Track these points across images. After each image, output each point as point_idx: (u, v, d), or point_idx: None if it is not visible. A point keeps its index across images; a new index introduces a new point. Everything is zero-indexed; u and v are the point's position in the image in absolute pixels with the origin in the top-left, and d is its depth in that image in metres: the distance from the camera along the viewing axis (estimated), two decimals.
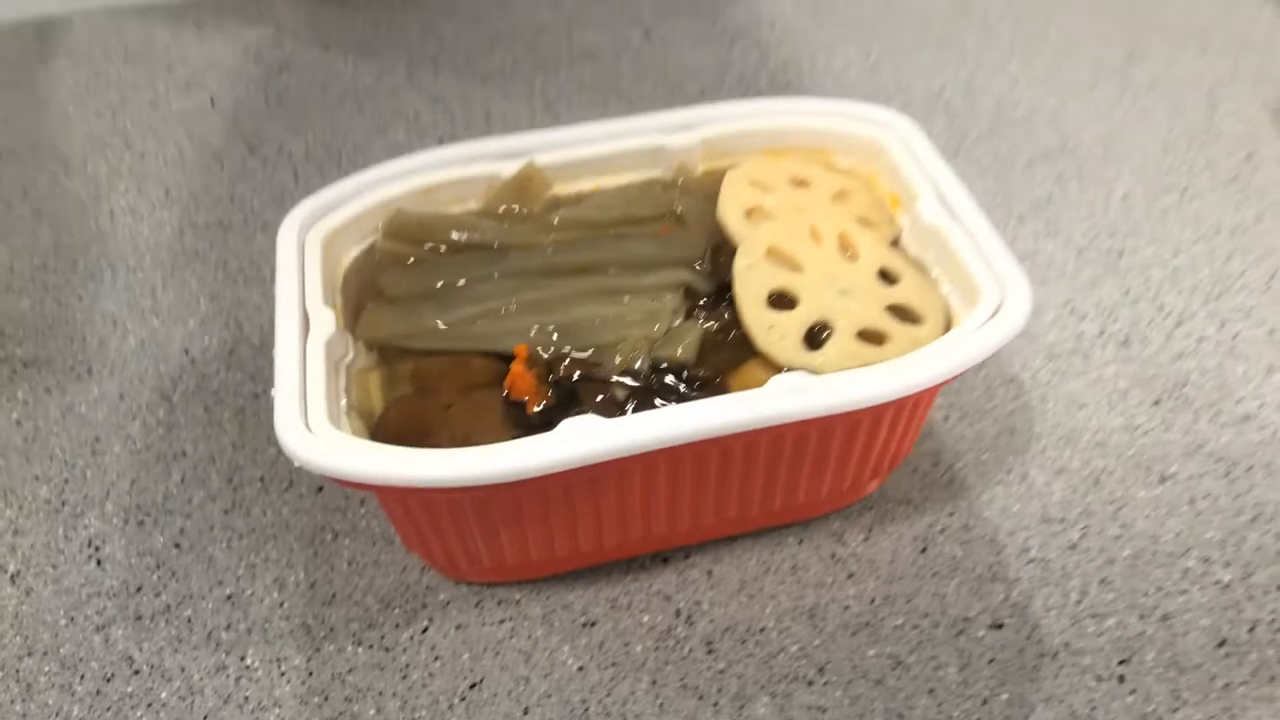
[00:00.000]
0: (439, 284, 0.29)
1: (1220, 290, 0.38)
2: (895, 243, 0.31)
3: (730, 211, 0.30)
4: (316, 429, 0.24)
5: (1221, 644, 0.28)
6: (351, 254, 0.30)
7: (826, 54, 0.52)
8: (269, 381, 0.35)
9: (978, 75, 0.50)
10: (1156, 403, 0.35)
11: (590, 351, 0.27)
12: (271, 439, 0.33)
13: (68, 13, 0.57)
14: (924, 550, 0.31)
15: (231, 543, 0.31)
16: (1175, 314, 0.38)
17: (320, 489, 0.33)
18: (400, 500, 0.26)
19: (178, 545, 0.31)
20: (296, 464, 0.23)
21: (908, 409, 0.28)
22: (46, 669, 0.28)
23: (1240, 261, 0.40)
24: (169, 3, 0.58)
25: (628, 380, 0.27)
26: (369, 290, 0.29)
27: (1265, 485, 0.32)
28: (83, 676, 0.28)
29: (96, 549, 0.31)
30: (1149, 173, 0.44)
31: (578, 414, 0.24)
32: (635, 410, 0.26)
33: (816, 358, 0.26)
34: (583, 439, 0.23)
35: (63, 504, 0.32)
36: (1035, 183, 0.43)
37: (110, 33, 0.55)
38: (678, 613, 0.29)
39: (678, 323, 0.28)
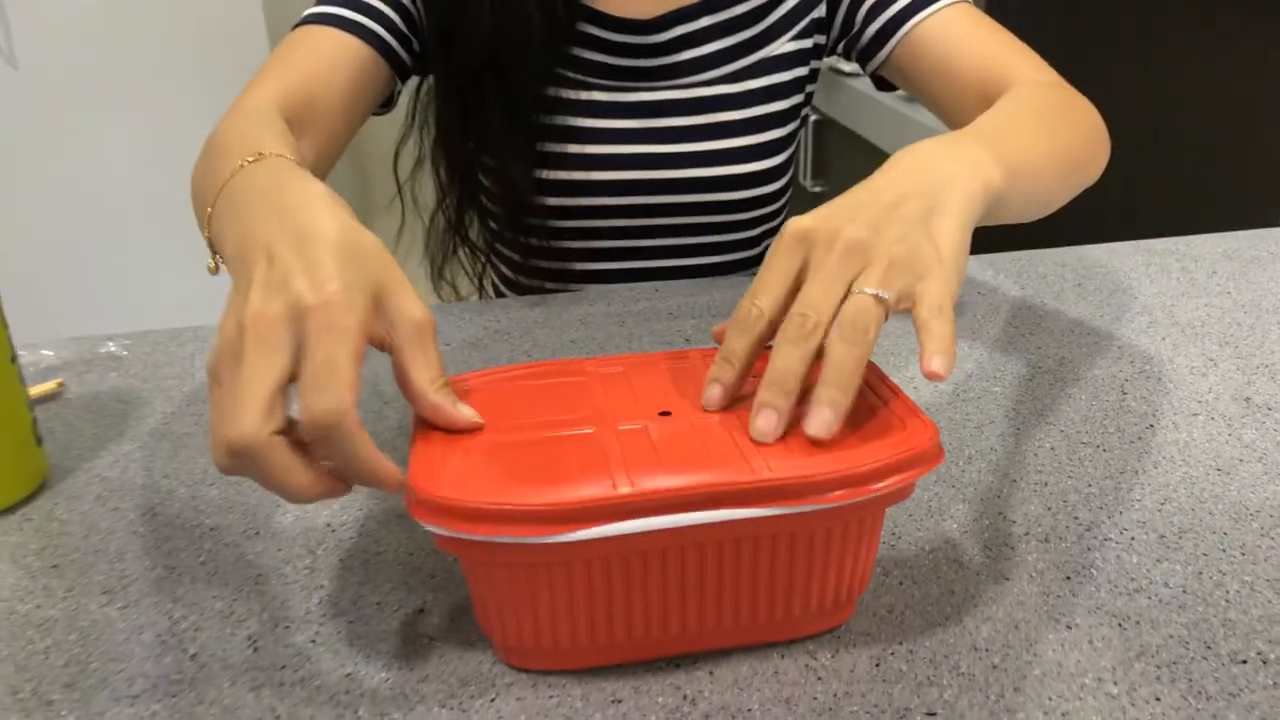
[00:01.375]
0: None
1: (1123, 508, 0.49)
2: None
3: None
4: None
5: None
6: None
7: None
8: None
9: None
10: (1067, 579, 0.44)
11: None
12: (394, 575, 0.45)
13: None
14: (877, 665, 0.40)
15: (352, 640, 0.42)
16: (1086, 522, 0.48)
17: (421, 610, 0.43)
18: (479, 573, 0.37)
19: (313, 641, 0.42)
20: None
21: (854, 528, 0.39)
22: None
23: (1140, 491, 0.50)
24: None
25: None
26: None
27: (1150, 634, 0.41)
28: (234, 683, 0.38)
29: (253, 640, 0.42)
30: (1071, 430, 0.56)
31: None
32: None
33: None
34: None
35: (231, 612, 0.43)
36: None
37: None
38: (684, 696, 0.38)
39: None
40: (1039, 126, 0.56)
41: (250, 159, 0.47)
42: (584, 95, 0.75)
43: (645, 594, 0.38)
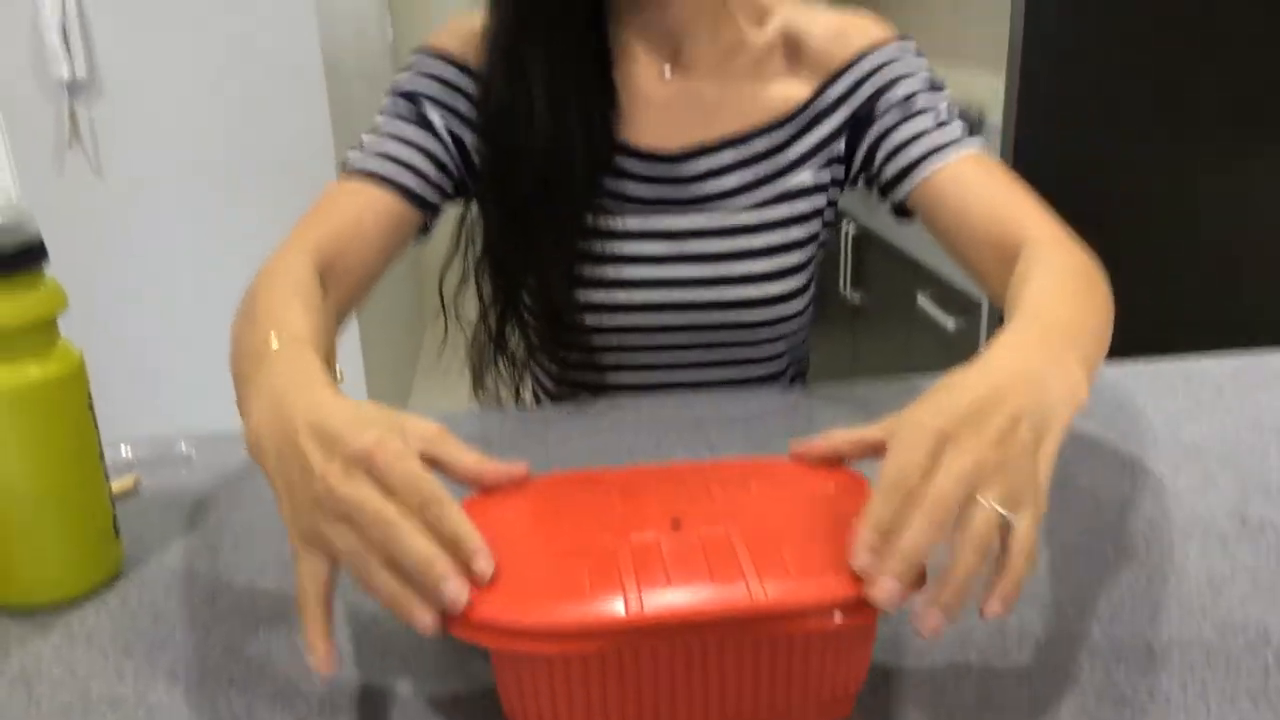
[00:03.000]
0: None
1: (1115, 620, 0.52)
2: None
3: None
4: None
5: None
6: None
7: None
8: None
9: None
10: (1057, 684, 0.47)
11: None
12: (434, 659, 0.49)
13: None
14: None
15: None
16: (1077, 632, 0.51)
17: (457, 697, 0.47)
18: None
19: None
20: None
21: (847, 639, 0.42)
22: None
23: (1132, 603, 0.53)
24: None
25: None
26: None
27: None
28: None
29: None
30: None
31: None
32: None
33: None
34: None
35: (283, 694, 0.48)
36: None
37: None
38: None
39: None
40: (1093, 315, 0.59)
41: (275, 345, 0.54)
42: (618, 222, 0.81)
43: (655, 690, 0.42)
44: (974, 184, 0.76)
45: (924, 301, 2.14)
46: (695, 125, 0.82)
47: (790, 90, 0.83)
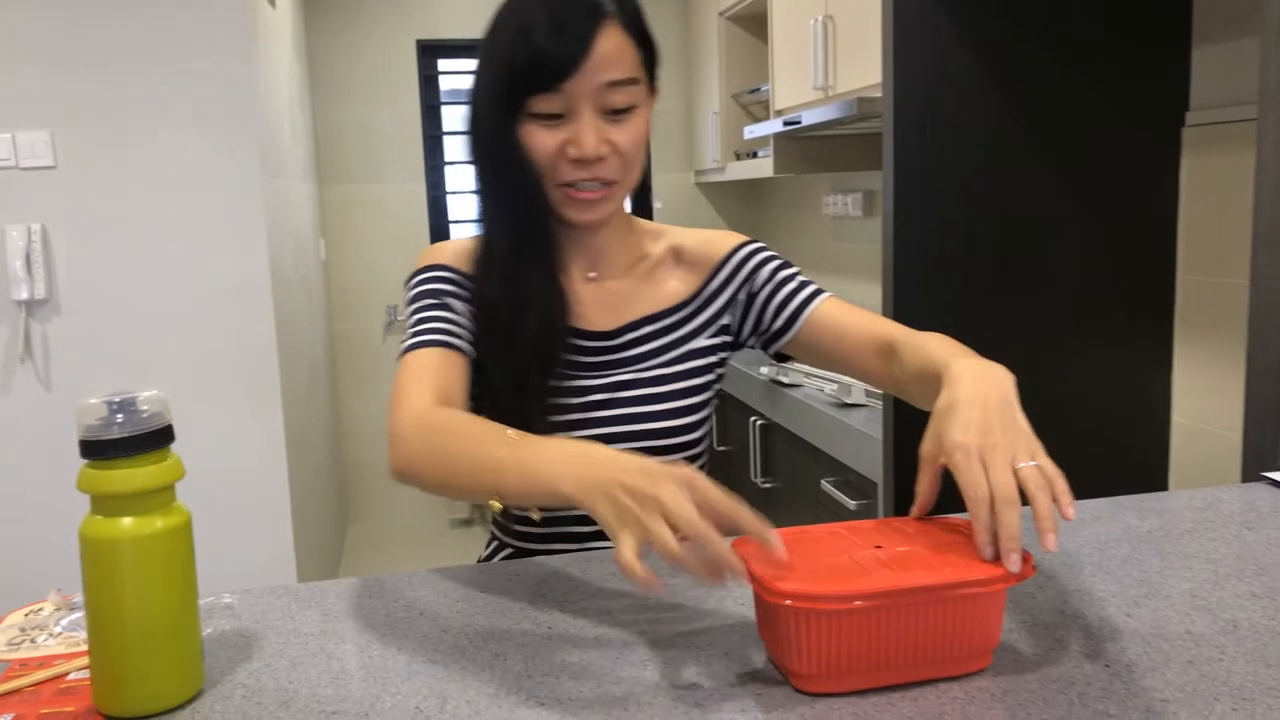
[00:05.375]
0: None
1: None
2: None
3: None
4: None
5: None
6: None
7: None
8: None
9: None
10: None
11: None
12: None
13: None
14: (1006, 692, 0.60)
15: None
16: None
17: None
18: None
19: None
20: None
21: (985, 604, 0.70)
22: None
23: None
24: None
25: None
26: None
27: None
28: None
29: None
30: None
31: None
32: None
33: None
34: None
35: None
36: None
37: None
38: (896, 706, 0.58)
39: None
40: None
41: (513, 434, 0.83)
42: (570, 380, 1.08)
43: (881, 638, 0.68)
44: (843, 313, 1.11)
45: (827, 486, 2.38)
46: (614, 312, 1.12)
47: (682, 285, 1.14)
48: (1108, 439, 1.98)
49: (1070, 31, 1.87)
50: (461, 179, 4.22)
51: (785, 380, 2.63)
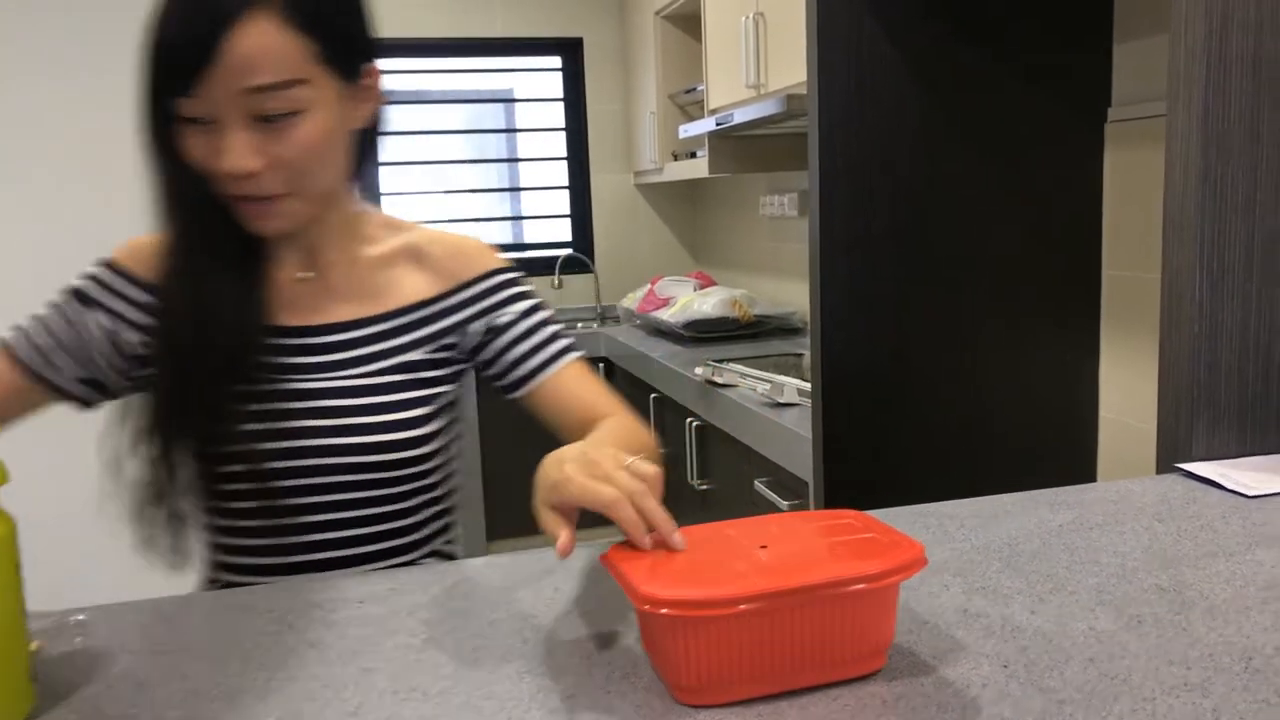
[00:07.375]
0: None
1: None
2: None
3: None
4: None
5: None
6: None
7: None
8: None
9: None
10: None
11: None
12: None
13: None
14: (899, 698, 0.56)
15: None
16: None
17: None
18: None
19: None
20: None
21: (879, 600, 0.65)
22: None
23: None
24: None
25: None
26: None
27: None
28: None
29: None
30: None
31: None
32: None
33: None
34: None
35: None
36: None
37: None
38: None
39: None
40: (625, 438, 0.97)
41: None
42: (273, 384, 1.00)
43: (762, 641, 0.63)
44: (573, 388, 1.07)
45: (760, 486, 2.35)
46: (325, 312, 1.04)
47: (416, 289, 1.06)
48: (1038, 434, 1.98)
49: (995, 28, 1.86)
50: (397, 180, 4.14)
51: (720, 380, 2.60)
